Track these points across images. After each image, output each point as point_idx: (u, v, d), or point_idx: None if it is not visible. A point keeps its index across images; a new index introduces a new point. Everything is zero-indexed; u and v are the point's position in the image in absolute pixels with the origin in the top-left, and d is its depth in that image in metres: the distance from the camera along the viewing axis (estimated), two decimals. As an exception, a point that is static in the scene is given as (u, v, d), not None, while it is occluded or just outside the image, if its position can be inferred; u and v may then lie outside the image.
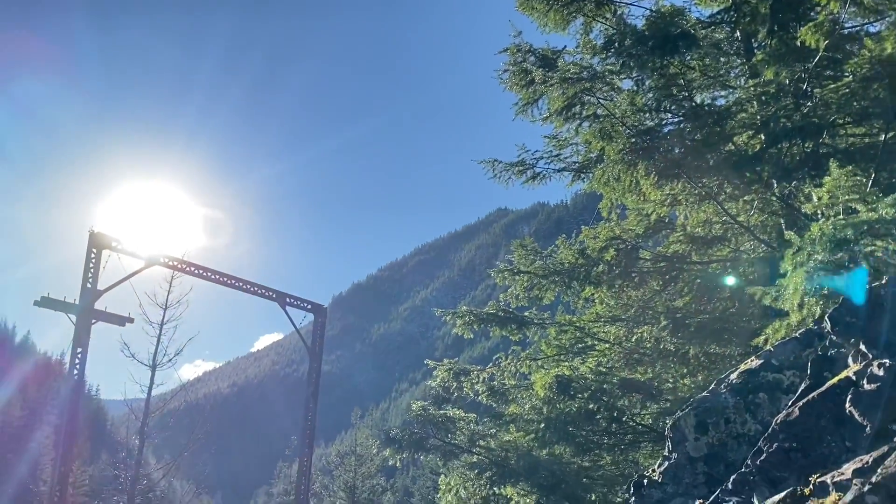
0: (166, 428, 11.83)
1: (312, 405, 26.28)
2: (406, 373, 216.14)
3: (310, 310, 27.80)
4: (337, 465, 45.08)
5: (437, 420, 8.60)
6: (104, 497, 10.35)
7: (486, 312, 9.75)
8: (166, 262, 22.66)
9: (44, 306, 22.45)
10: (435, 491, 47.76)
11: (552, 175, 10.97)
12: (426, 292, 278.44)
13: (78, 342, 21.87)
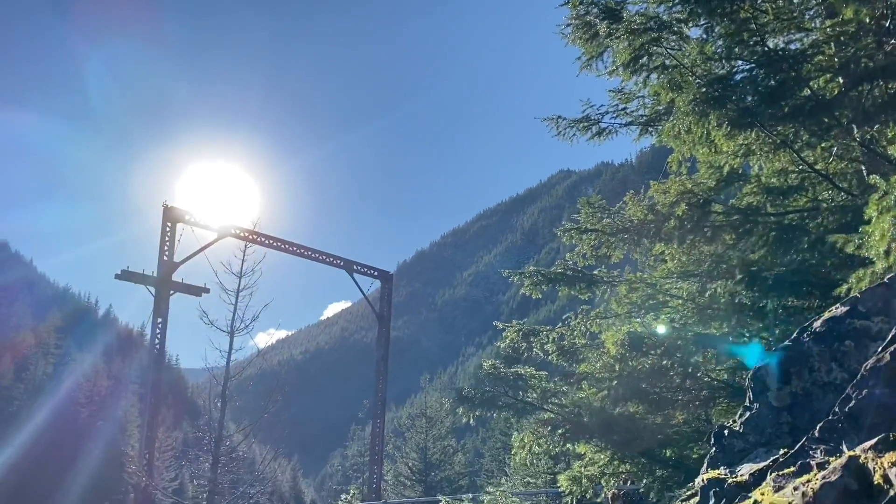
0: (245, 392, 12.25)
1: (383, 369, 26.85)
2: (472, 337, 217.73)
3: (376, 276, 28.25)
4: (408, 427, 46.04)
5: (508, 378, 8.64)
6: (190, 458, 10.86)
7: (553, 272, 9.69)
8: (238, 234, 23.30)
9: (124, 279, 23.46)
10: (505, 451, 48.46)
11: (618, 130, 10.74)
12: (489, 257, 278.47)
13: (158, 313, 22.84)
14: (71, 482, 71.60)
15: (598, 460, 8.16)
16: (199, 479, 10.89)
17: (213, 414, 12.01)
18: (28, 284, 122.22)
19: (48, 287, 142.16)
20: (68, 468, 74.04)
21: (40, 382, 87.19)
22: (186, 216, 23.22)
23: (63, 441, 77.93)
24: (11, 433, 75.40)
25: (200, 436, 11.94)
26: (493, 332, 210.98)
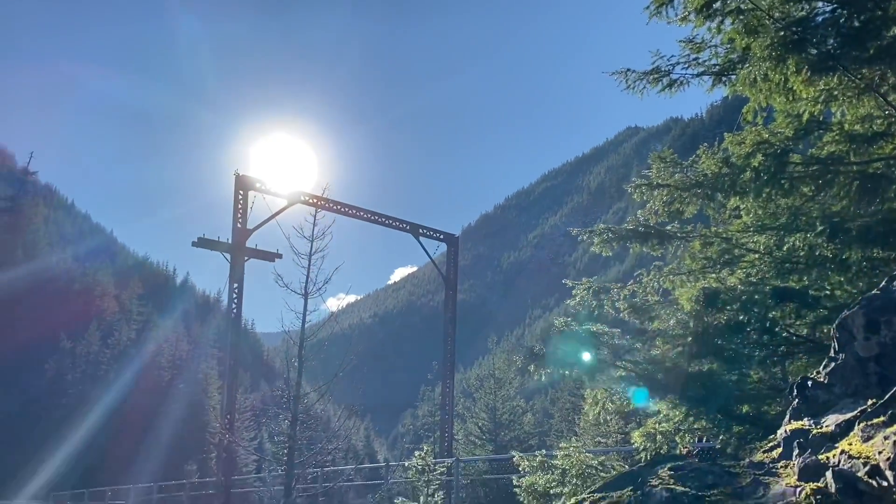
0: (320, 352, 12.60)
1: (451, 330, 27.13)
2: (538, 299, 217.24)
3: (442, 239, 28.41)
4: (477, 387, 46.55)
5: (580, 335, 8.61)
6: (270, 416, 11.28)
7: (625, 229, 9.53)
8: (307, 200, 23.76)
9: (201, 246, 24.27)
10: (574, 412, 48.53)
11: (689, 81, 10.38)
12: (555, 218, 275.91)
13: (233, 278, 23.58)
14: (155, 442, 75.41)
15: (672, 417, 8.09)
16: (279, 437, 11.31)
17: (290, 374, 12.40)
18: (110, 255, 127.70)
19: (129, 256, 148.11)
20: (152, 429, 77.95)
21: (125, 347, 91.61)
22: (258, 184, 23.77)
23: (147, 403, 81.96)
24: (99, 396, 79.74)
25: (279, 395, 12.38)
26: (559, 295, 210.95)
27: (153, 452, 74.31)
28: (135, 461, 68.72)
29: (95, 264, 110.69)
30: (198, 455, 77.19)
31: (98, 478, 57.72)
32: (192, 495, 23.42)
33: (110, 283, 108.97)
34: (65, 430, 73.91)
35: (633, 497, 3.60)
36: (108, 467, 65.91)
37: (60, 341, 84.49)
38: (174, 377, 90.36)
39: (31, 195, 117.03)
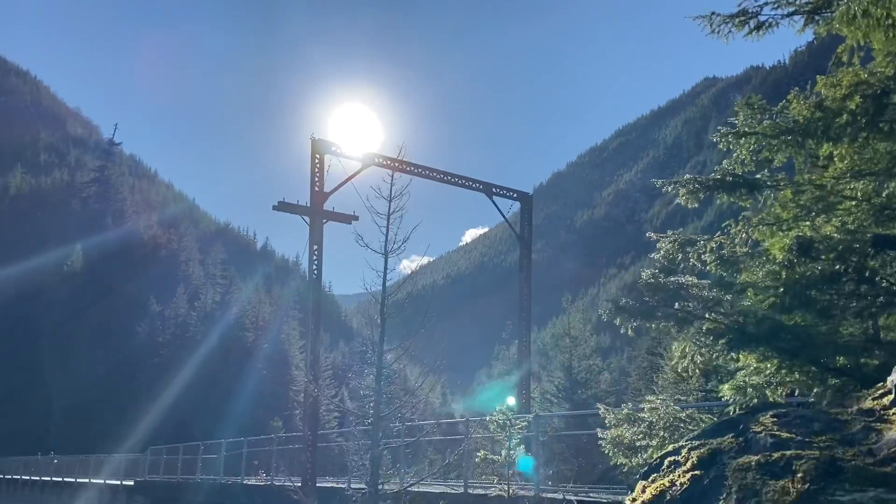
0: (400, 310, 12.82)
1: (526, 290, 27.08)
2: (613, 258, 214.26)
3: (515, 198, 28.20)
4: (552, 347, 46.56)
5: (668, 287, 8.45)
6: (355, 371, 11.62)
7: (712, 178, 9.23)
8: (381, 162, 23.94)
9: (281, 210, 24.86)
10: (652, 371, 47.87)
11: (779, 22, 9.86)
12: (630, 175, 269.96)
13: (313, 241, 24.10)
14: (241, 399, 78.72)
15: (763, 369, 7.90)
16: (366, 391, 11.63)
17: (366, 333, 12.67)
18: (193, 221, 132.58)
19: (211, 223, 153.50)
20: (238, 387, 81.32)
21: (210, 310, 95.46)
22: (333, 147, 24.07)
23: (233, 362, 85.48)
24: (188, 356, 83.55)
25: (363, 350, 12.71)
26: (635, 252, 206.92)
27: (240, 409, 77.69)
28: (223, 417, 72.05)
29: (180, 231, 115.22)
30: (283, 411, 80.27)
31: (189, 433, 60.83)
32: (280, 449, 24.37)
33: (195, 248, 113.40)
34: (157, 388, 78.07)
35: (735, 443, 3.56)
36: (198, 423, 69.34)
37: (150, 305, 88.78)
38: (258, 338, 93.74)
39: (117, 165, 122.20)
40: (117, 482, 34.03)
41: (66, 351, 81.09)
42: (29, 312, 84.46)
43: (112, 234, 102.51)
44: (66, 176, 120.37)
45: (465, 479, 15.18)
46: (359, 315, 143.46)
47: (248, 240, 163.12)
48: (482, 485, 16.10)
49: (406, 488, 11.65)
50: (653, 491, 4.39)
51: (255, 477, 23.63)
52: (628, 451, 8.32)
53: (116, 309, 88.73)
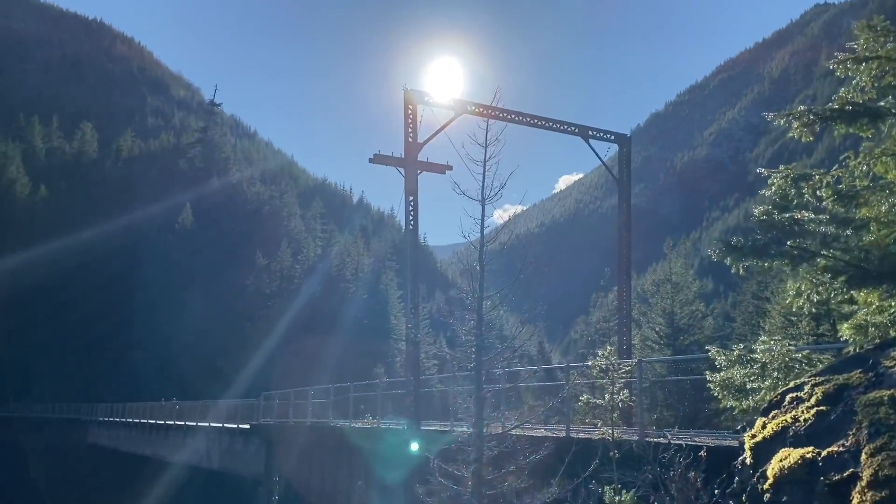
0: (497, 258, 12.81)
1: (626, 234, 26.52)
2: (716, 200, 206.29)
3: (613, 140, 27.44)
4: (653, 293, 45.57)
5: (782, 224, 8.03)
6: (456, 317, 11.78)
7: (829, 108, 8.61)
8: (474, 110, 23.77)
9: (376, 162, 25.18)
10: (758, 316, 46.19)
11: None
12: (733, 113, 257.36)
13: (408, 191, 24.34)
14: (345, 348, 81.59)
15: (887, 308, 7.45)
16: (467, 335, 11.76)
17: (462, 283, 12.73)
18: (293, 177, 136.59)
19: (309, 178, 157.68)
20: (341, 336, 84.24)
21: (312, 263, 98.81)
22: (425, 97, 24.04)
23: (335, 312, 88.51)
24: (293, 306, 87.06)
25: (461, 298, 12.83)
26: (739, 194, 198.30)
27: (344, 357, 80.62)
28: (328, 365, 75.07)
29: (281, 187, 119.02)
30: (384, 359, 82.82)
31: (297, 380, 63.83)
32: (384, 394, 25.15)
33: (295, 203, 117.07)
34: (265, 337, 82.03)
35: (864, 379, 3.38)
36: (305, 370, 72.53)
37: (257, 259, 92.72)
38: (357, 288, 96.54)
39: (218, 126, 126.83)
40: (234, 425, 36.17)
41: (180, 304, 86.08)
42: (145, 268, 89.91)
43: (217, 191, 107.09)
44: (171, 138, 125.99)
45: (567, 424, 15.25)
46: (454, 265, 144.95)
47: (344, 194, 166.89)
48: (583, 429, 16.15)
49: (509, 430, 11.81)
50: (774, 427, 4.25)
51: (362, 420, 24.56)
52: (738, 393, 8.09)
53: (225, 263, 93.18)
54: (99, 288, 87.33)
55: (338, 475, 25.30)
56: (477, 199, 12.18)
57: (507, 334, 17.53)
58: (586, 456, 12.09)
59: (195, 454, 41.06)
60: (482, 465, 11.10)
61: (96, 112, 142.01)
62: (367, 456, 23.32)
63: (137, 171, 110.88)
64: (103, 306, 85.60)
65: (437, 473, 11.31)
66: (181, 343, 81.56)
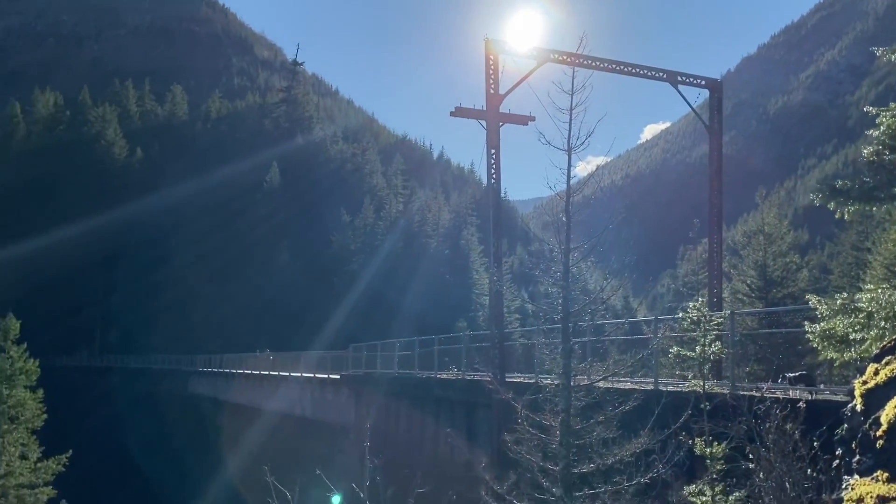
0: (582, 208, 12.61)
1: (717, 183, 25.57)
2: (812, 147, 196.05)
3: (704, 86, 26.32)
4: (744, 245, 44.01)
5: (893, 166, 7.53)
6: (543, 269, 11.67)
7: (947, 40, 7.97)
8: (557, 58, 23.21)
9: (457, 116, 25.02)
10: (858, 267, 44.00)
11: None
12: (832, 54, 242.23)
13: (490, 144, 24.14)
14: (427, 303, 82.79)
15: None
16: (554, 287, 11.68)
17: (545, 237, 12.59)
18: (374, 134, 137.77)
19: (389, 135, 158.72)
20: (424, 291, 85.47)
21: (394, 219, 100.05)
22: (506, 47, 23.63)
23: (417, 268, 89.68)
24: (375, 262, 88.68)
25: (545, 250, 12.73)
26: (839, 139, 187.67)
27: (426, 311, 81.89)
28: (410, 318, 76.47)
29: (363, 144, 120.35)
30: (466, 313, 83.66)
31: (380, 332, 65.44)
32: (469, 347, 25.46)
33: (377, 160, 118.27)
34: (349, 292, 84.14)
35: None
36: (388, 323, 74.23)
37: (341, 216, 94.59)
38: (439, 244, 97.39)
39: (301, 85, 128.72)
40: (324, 375, 37.49)
41: (270, 258, 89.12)
42: (236, 224, 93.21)
43: (301, 150, 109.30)
44: (257, 98, 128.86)
45: (656, 376, 15.08)
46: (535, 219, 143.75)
47: (424, 150, 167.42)
48: (671, 383, 15.93)
49: (596, 382, 11.77)
50: (887, 373, 4.07)
51: (447, 372, 25.00)
52: (840, 344, 7.76)
53: (311, 220, 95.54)
54: (193, 243, 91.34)
55: (424, 423, 25.95)
56: (562, 148, 11.97)
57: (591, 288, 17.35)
58: (675, 408, 11.94)
59: (288, 402, 42.89)
60: (570, 415, 11.12)
61: (185, 74, 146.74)
62: (453, 405, 23.79)
63: (226, 132, 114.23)
64: (197, 261, 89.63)
65: (524, 422, 11.41)
66: (271, 296, 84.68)
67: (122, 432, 67.68)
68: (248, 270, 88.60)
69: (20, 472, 25.27)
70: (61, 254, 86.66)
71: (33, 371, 27.00)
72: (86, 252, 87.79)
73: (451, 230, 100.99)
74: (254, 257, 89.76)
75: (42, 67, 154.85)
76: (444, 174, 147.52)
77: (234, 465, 48.34)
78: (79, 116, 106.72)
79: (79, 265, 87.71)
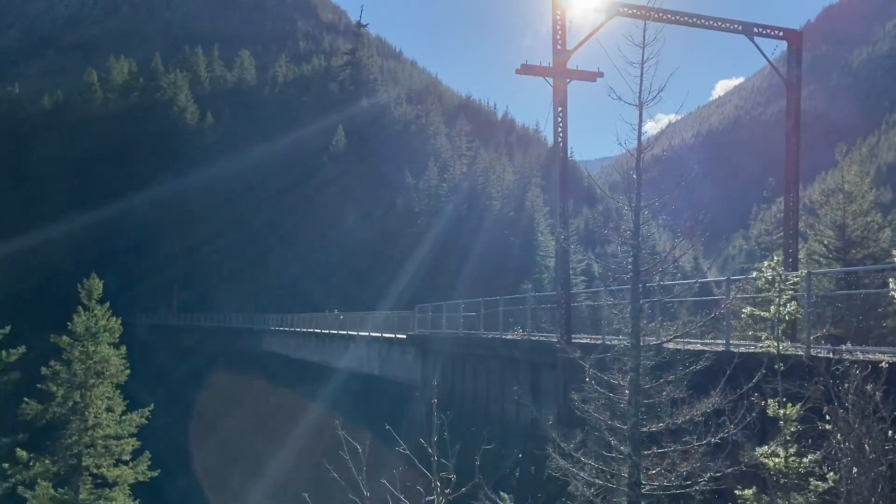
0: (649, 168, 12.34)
1: (794, 139, 24.54)
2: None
3: (781, 37, 25.14)
4: (821, 204, 42.28)
5: None
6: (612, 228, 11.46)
7: None
8: (627, 11, 22.53)
9: (524, 73, 24.64)
10: (957, 225, 41.68)
11: None
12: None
13: (557, 102, 23.73)
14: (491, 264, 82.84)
15: None
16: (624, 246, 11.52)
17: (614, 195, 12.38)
18: (437, 96, 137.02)
19: (453, 96, 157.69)
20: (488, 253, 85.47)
21: (458, 180, 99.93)
22: (574, 1, 23.05)
23: (481, 229, 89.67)
24: (439, 223, 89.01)
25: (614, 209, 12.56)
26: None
27: (489, 272, 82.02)
28: (473, 279, 76.79)
29: (426, 106, 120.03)
30: (530, 275, 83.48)
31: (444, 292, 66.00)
32: (533, 308, 25.42)
33: (441, 122, 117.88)
34: (414, 252, 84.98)
35: None
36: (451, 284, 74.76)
37: (405, 178, 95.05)
38: (503, 205, 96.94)
39: (365, 47, 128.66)
40: (392, 335, 38.14)
41: (337, 220, 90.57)
42: (304, 187, 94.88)
43: (366, 112, 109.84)
44: (322, 61, 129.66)
45: (727, 337, 14.79)
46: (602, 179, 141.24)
47: (488, 111, 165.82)
48: (742, 344, 15.59)
49: (665, 341, 11.63)
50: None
51: (512, 332, 25.07)
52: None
53: (376, 182, 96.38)
54: (263, 206, 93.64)
55: (489, 383, 26.20)
56: (633, 103, 11.69)
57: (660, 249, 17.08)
58: (747, 369, 11.71)
59: (356, 360, 43.92)
60: (639, 374, 11.05)
61: (252, 39, 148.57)
62: (518, 365, 23.92)
63: (292, 96, 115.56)
64: (269, 223, 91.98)
65: (592, 382, 11.40)
66: (338, 257, 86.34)
67: (199, 388, 70.71)
68: (316, 232, 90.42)
69: (106, 423, 26.65)
70: (140, 216, 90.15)
71: (116, 329, 28.26)
72: (163, 214, 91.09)
73: (515, 191, 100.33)
74: (322, 219, 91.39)
75: (116, 36, 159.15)
76: (509, 135, 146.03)
77: (306, 420, 50.05)
78: (152, 83, 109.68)
79: (157, 226, 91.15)
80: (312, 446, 47.23)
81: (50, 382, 26.35)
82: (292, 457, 51.57)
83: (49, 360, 27.06)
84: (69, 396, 26.29)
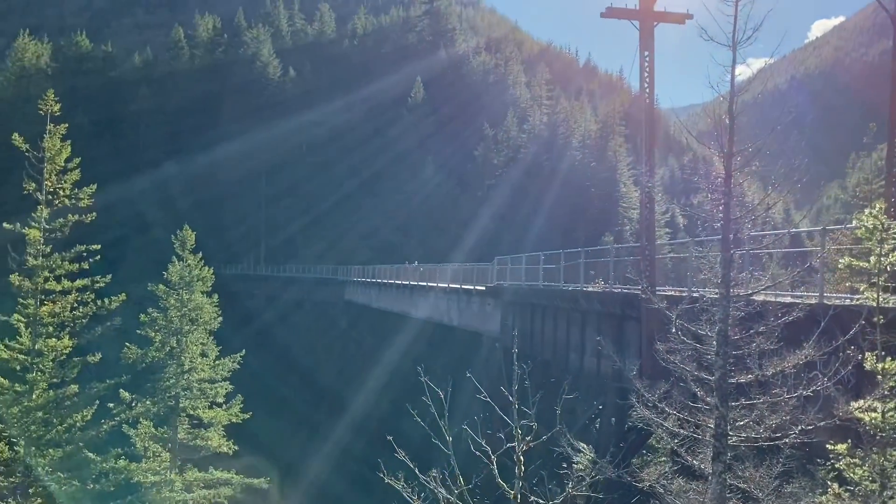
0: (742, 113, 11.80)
1: (902, 82, 22.95)
2: None
3: (890, -31, 23.37)
4: (928, 151, 39.66)
5: None
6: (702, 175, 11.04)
7: None
8: (719, -53, 21.36)
9: (609, 17, 23.84)
10: None
11: None
12: None
13: (644, 47, 22.92)
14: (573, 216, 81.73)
15: None
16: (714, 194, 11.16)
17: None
18: (517, 44, 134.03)
19: (533, 44, 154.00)
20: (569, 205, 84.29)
21: (538, 131, 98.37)
22: (662, -62, 22.03)
23: (561, 180, 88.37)
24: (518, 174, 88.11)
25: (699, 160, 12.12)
26: None
27: (570, 224, 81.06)
28: (554, 231, 76.09)
29: (506, 55, 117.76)
30: (612, 227, 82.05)
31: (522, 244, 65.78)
32: (615, 261, 25.04)
33: (520, 71, 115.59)
34: (493, 203, 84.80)
35: None
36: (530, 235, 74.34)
37: (484, 129, 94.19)
38: (585, 156, 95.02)
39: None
40: (470, 287, 38.42)
41: (417, 171, 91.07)
42: (384, 138, 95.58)
43: (445, 63, 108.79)
44: (401, 12, 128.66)
45: (821, 289, 14.22)
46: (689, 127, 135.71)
47: (569, 58, 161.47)
48: (836, 297, 14.97)
49: (756, 292, 11.29)
50: None
51: (593, 284, 24.81)
52: None
53: (455, 133, 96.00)
54: (344, 157, 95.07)
55: (570, 334, 26.15)
56: (727, 44, 11.16)
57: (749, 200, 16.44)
58: (842, 322, 11.27)
59: (435, 311, 44.55)
60: (728, 325, 10.80)
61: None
62: (599, 317, 23.73)
63: (371, 48, 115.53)
64: (348, 174, 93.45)
65: (678, 332, 11.22)
66: (417, 206, 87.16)
67: (285, 335, 73.48)
68: (395, 182, 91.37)
69: (201, 368, 28.05)
70: (226, 168, 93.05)
71: (209, 278, 29.47)
72: (248, 166, 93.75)
73: (597, 141, 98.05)
74: (401, 170, 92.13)
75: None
76: (591, 82, 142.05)
77: (384, 365, 51.45)
78: (235, 38, 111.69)
79: (242, 178, 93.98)
80: (392, 389, 48.67)
81: (148, 328, 27.80)
82: (373, 397, 53.35)
83: (147, 307, 28.57)
84: (166, 342, 27.73)
